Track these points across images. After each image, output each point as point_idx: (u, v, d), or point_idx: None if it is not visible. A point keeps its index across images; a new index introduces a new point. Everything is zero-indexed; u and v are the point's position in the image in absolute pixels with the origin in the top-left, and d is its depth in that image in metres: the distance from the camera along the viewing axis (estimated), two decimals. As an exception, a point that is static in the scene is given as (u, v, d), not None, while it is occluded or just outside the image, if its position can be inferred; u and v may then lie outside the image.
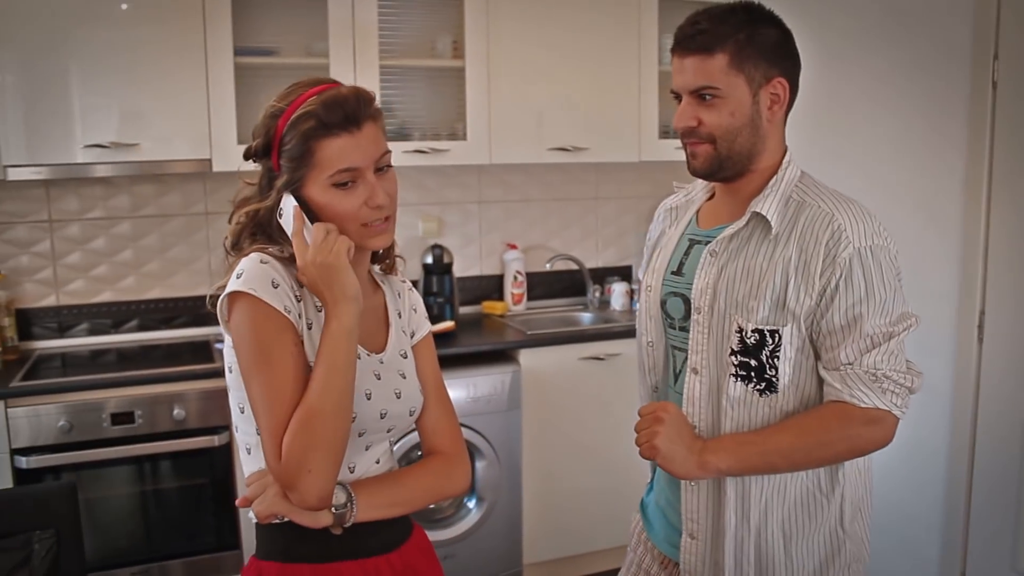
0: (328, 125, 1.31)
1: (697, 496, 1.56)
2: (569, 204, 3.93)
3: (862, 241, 1.42)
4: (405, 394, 1.45)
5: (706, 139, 1.48)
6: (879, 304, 1.43)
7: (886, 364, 1.43)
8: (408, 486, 1.45)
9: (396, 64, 3.32)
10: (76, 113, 2.86)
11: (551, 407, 3.28)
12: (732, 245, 1.50)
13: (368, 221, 1.36)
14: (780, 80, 1.48)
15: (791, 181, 1.51)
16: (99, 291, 3.28)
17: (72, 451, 2.71)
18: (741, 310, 1.47)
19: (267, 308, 1.29)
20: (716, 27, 1.44)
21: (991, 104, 2.66)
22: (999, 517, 2.72)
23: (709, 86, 1.44)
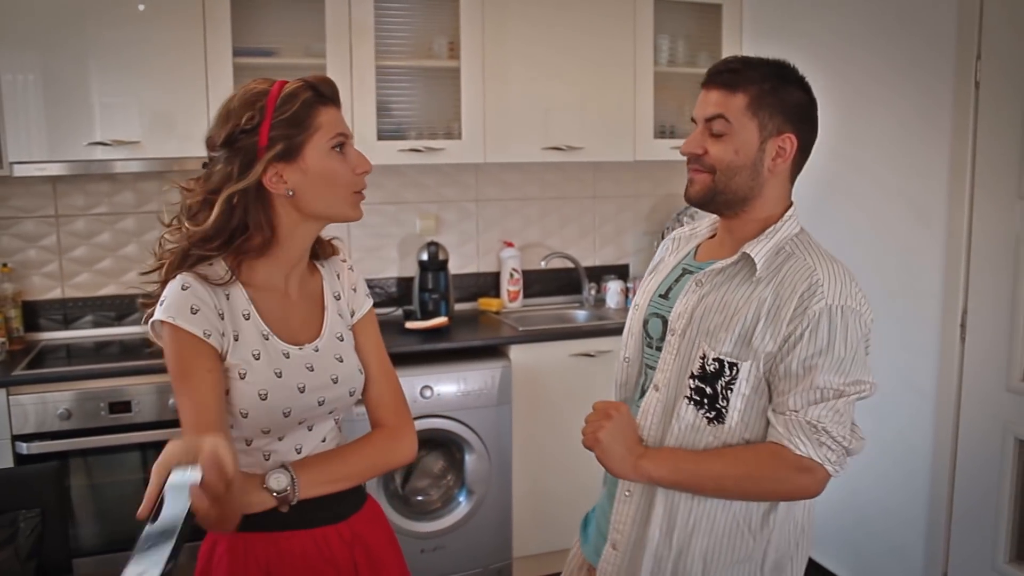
0: (323, 96, 1.45)
1: (628, 507, 1.60)
2: (566, 203, 3.98)
3: (836, 300, 1.46)
4: (343, 377, 1.53)
5: (707, 169, 1.54)
6: (836, 361, 1.46)
7: (828, 420, 1.46)
8: (350, 461, 1.52)
9: (392, 64, 3.39)
10: (80, 112, 2.96)
11: (541, 402, 3.33)
12: (717, 279, 1.57)
13: (358, 188, 1.49)
14: (790, 136, 1.54)
15: (788, 234, 1.57)
16: (103, 284, 3.37)
17: (71, 438, 2.80)
18: (709, 339, 1.52)
19: (185, 335, 1.39)
20: (746, 71, 1.52)
21: (974, 104, 2.68)
22: (981, 515, 2.73)
23: (722, 116, 1.51)
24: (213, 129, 1.45)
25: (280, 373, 1.46)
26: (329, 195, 1.46)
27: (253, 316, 1.47)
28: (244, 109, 1.42)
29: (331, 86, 1.47)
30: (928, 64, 2.80)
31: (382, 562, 1.59)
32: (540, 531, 3.41)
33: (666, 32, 3.67)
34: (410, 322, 3.43)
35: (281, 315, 1.51)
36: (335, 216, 1.50)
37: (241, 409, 1.43)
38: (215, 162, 1.45)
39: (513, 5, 3.40)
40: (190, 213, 1.46)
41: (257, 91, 1.43)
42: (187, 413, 1.38)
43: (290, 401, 1.46)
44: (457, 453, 3.28)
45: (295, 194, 1.44)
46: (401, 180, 3.73)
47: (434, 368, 3.18)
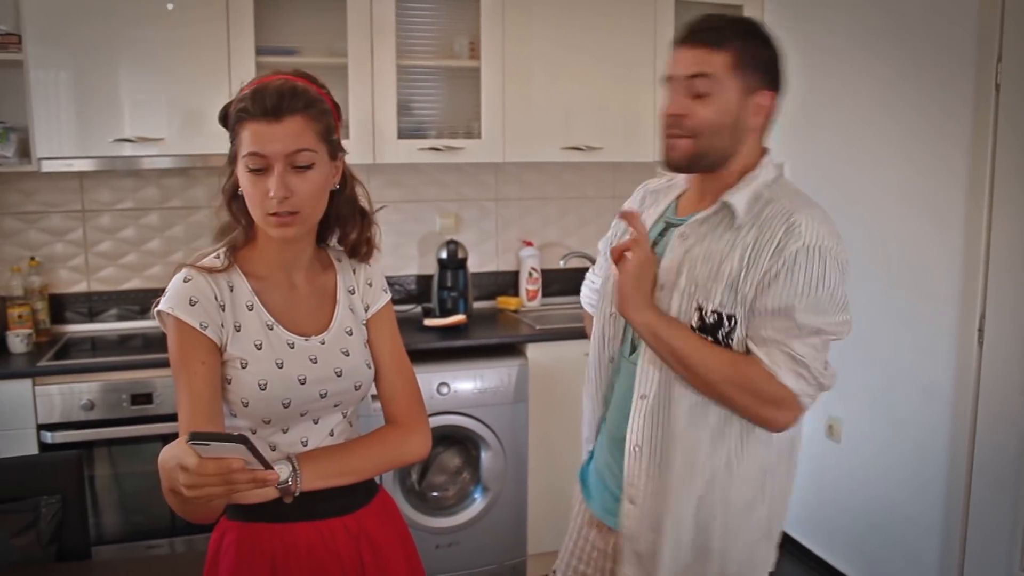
0: (248, 111, 1.40)
1: (639, 462, 1.63)
2: (586, 202, 4.00)
3: (813, 240, 1.48)
4: (347, 371, 1.54)
5: (688, 132, 1.55)
6: (813, 301, 1.48)
7: (809, 354, 1.49)
8: (356, 456, 1.53)
9: (413, 64, 3.43)
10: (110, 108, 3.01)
11: (557, 401, 3.34)
12: (701, 229, 1.59)
13: (270, 211, 1.42)
14: (771, 93, 1.57)
15: (765, 180, 1.59)
16: (128, 278, 3.44)
17: (93, 428, 2.86)
18: (701, 291, 1.55)
19: (183, 326, 1.42)
20: (727, 27, 1.54)
21: (994, 106, 2.66)
22: (998, 520, 2.71)
23: (706, 74, 1.51)
24: None
25: (281, 364, 1.48)
26: (251, 211, 1.46)
27: (257, 306, 1.50)
28: (224, 108, 1.48)
29: (264, 100, 1.39)
30: (948, 65, 2.79)
31: (388, 556, 1.60)
32: (555, 528, 3.40)
33: (687, 33, 3.68)
34: (428, 319, 3.46)
35: (287, 306, 1.53)
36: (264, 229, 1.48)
37: (242, 398, 1.46)
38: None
39: (534, 6, 3.42)
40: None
41: (242, 94, 1.45)
42: (182, 402, 1.42)
43: (289, 392, 1.48)
44: (473, 450, 3.31)
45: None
46: (421, 178, 3.76)
47: (451, 365, 3.20)
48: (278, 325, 1.50)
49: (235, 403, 1.47)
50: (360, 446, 1.56)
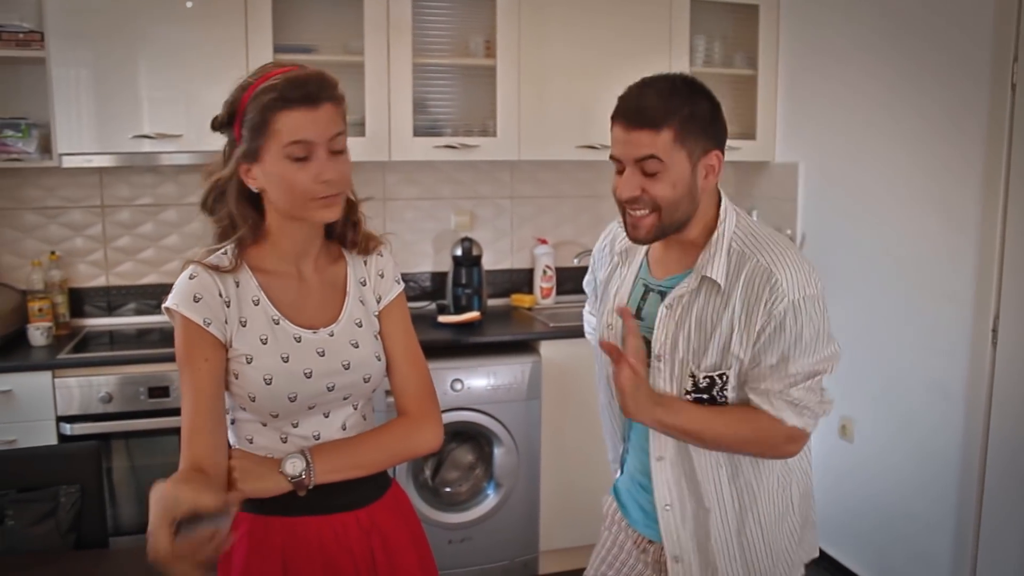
0: (287, 99, 1.39)
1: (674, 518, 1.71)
2: (600, 201, 4.01)
3: (795, 293, 1.55)
4: (355, 363, 1.54)
5: (650, 207, 1.55)
6: (804, 348, 1.58)
7: (805, 397, 1.60)
8: (368, 448, 1.54)
9: (429, 62, 3.45)
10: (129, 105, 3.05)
11: (570, 398, 3.36)
12: (684, 300, 1.63)
13: (317, 196, 1.44)
14: (716, 153, 1.58)
15: (731, 234, 1.62)
16: (146, 273, 3.48)
17: (112, 421, 2.89)
18: (695, 358, 1.62)
19: (187, 322, 1.44)
20: (664, 104, 1.52)
21: (1010, 106, 2.65)
22: (1011, 521, 2.71)
23: (654, 156, 1.52)
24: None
25: (287, 358, 1.49)
26: (289, 199, 1.45)
27: (263, 301, 1.50)
28: (231, 102, 1.45)
29: (305, 87, 1.40)
30: (964, 66, 2.79)
31: (400, 551, 1.61)
32: (567, 525, 3.44)
33: (702, 32, 3.68)
34: (443, 316, 3.48)
35: (295, 299, 1.53)
36: (300, 218, 1.48)
37: (249, 393, 1.47)
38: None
39: (549, 5, 3.44)
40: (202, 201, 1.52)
41: (244, 84, 1.44)
42: (185, 398, 1.45)
43: (295, 386, 1.48)
44: (486, 446, 3.32)
45: (265, 192, 1.46)
46: (437, 176, 3.78)
47: (465, 362, 3.22)
48: (284, 319, 1.51)
49: (242, 397, 1.49)
50: (372, 438, 1.56)
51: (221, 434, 1.46)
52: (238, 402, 1.50)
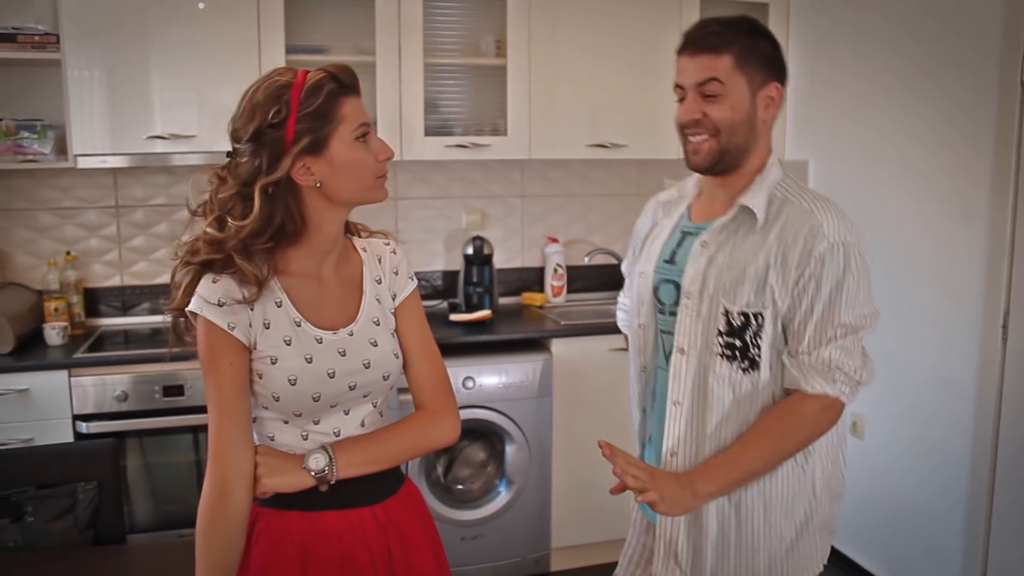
0: (346, 86, 1.47)
1: (675, 467, 1.68)
2: (610, 200, 4.02)
3: (836, 237, 1.55)
4: (375, 361, 1.57)
5: (710, 132, 1.61)
6: (844, 298, 1.55)
7: (839, 357, 1.55)
8: (388, 442, 1.57)
9: (440, 62, 3.46)
10: (143, 105, 3.08)
11: (581, 396, 3.37)
12: (721, 236, 1.64)
13: (381, 174, 1.53)
14: (776, 85, 1.63)
15: (775, 180, 1.65)
16: (160, 273, 3.50)
17: (127, 419, 2.92)
18: (728, 295, 1.60)
19: (212, 326, 1.46)
20: (725, 31, 1.60)
21: (1019, 103, 2.65)
22: (1021, 518, 2.71)
23: (714, 79, 1.59)
24: (238, 122, 1.46)
25: (311, 359, 1.51)
26: (355, 183, 1.50)
27: (285, 304, 1.52)
28: (270, 103, 1.43)
29: (352, 75, 1.49)
30: (972, 63, 2.79)
31: (415, 546, 1.63)
32: (578, 523, 3.45)
33: (713, 31, 3.69)
34: (454, 314, 3.50)
35: (315, 301, 1.55)
36: (362, 201, 1.54)
37: (273, 393, 1.49)
38: (241, 154, 1.46)
39: (560, 5, 3.45)
40: (225, 207, 1.47)
41: (281, 83, 1.45)
42: (211, 401, 1.47)
43: (319, 386, 1.51)
44: (498, 444, 3.34)
45: (323, 184, 1.47)
46: (448, 175, 3.80)
47: (477, 360, 3.24)
48: (305, 321, 1.52)
49: (266, 397, 1.50)
50: (391, 432, 1.59)
51: (248, 439, 1.49)
52: (261, 401, 1.53)
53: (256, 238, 1.46)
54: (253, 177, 1.45)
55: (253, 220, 1.44)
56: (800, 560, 1.69)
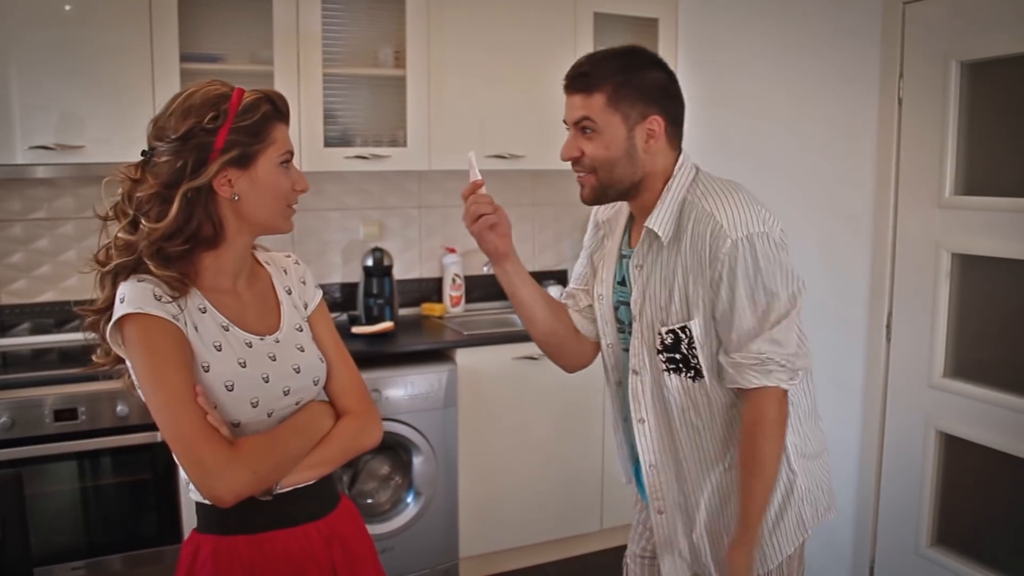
0: (280, 112, 1.52)
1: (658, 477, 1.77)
2: (507, 210, 4.02)
3: (739, 232, 1.59)
4: (305, 367, 1.58)
5: (588, 169, 1.67)
6: (762, 290, 1.60)
7: (769, 348, 1.60)
8: (325, 447, 1.56)
9: (339, 72, 3.42)
10: (17, 113, 2.90)
11: (487, 405, 3.40)
12: (648, 258, 1.70)
13: (292, 203, 1.57)
14: (656, 118, 1.66)
15: (682, 187, 1.69)
16: (42, 291, 3.31)
17: (14, 447, 2.75)
18: (660, 315, 1.67)
19: (156, 321, 1.41)
20: (597, 70, 1.64)
21: (897, 119, 2.86)
22: (905, 504, 2.90)
23: (587, 118, 1.64)
24: (167, 119, 1.45)
25: (244, 363, 1.49)
26: (270, 204, 1.52)
27: (210, 310, 1.50)
28: (206, 108, 1.44)
29: (286, 104, 1.54)
30: (855, 81, 2.98)
31: (359, 560, 1.63)
32: (486, 531, 3.48)
33: (605, 44, 3.76)
34: (356, 327, 3.46)
35: (237, 312, 1.54)
36: (270, 227, 1.56)
37: (211, 401, 1.45)
38: (160, 153, 1.45)
39: (457, 16, 3.47)
40: (142, 208, 1.44)
41: (219, 93, 1.47)
42: (167, 406, 1.39)
43: (256, 391, 1.50)
44: (404, 455, 3.32)
45: (239, 199, 1.49)
46: (345, 187, 3.76)
47: (381, 372, 3.22)
48: (233, 325, 1.52)
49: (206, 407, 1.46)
50: (327, 438, 1.58)
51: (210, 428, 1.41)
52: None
53: (169, 240, 1.44)
54: (175, 179, 1.44)
55: (168, 223, 1.43)
56: (787, 531, 1.78)
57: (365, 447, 1.66)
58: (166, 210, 1.43)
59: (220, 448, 1.39)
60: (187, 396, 1.39)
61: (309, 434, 1.55)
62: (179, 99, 1.47)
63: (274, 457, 1.46)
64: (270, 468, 1.45)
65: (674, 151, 1.71)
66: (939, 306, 2.76)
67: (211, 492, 1.38)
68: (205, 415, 1.40)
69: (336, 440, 1.59)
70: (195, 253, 1.50)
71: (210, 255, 1.51)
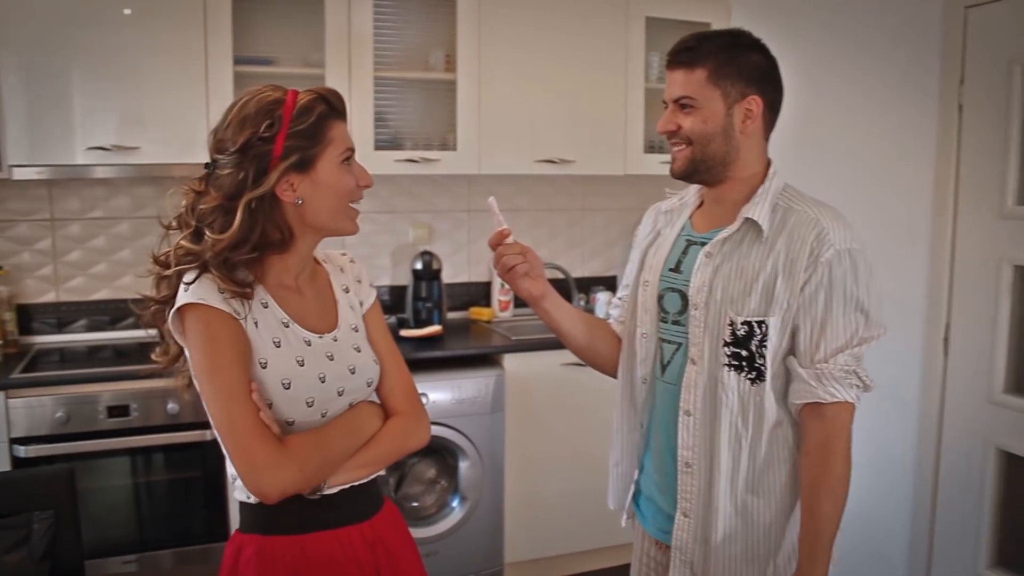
0: (336, 110, 1.51)
1: (691, 477, 1.69)
2: (557, 215, 4.05)
3: (843, 244, 1.58)
4: (360, 367, 1.58)
5: (684, 141, 1.65)
6: (856, 306, 1.58)
7: (854, 363, 1.59)
8: (373, 447, 1.56)
9: (390, 75, 3.44)
10: (78, 115, 2.97)
11: (534, 410, 3.38)
12: (726, 247, 1.66)
13: (356, 201, 1.55)
14: (755, 98, 1.64)
15: (777, 190, 1.68)
16: (98, 288, 3.38)
17: (69, 441, 2.80)
18: (734, 305, 1.62)
19: (216, 313, 1.42)
20: (701, 46, 1.63)
21: (958, 126, 2.78)
22: (963, 523, 2.82)
23: (687, 96, 1.63)
24: (225, 131, 1.46)
25: (302, 362, 1.50)
26: (334, 203, 1.51)
27: (271, 304, 1.51)
28: (262, 117, 1.44)
29: (341, 101, 1.53)
30: (914, 87, 2.90)
31: (402, 564, 1.63)
32: (532, 537, 3.46)
33: (657, 49, 3.76)
34: (404, 330, 3.47)
35: (298, 309, 1.55)
36: (335, 228, 1.55)
37: (266, 399, 1.46)
38: (222, 165, 1.46)
39: (509, 20, 3.47)
40: (205, 220, 1.46)
41: (273, 99, 1.46)
42: (218, 397, 1.40)
43: (312, 391, 1.50)
44: (450, 459, 3.32)
45: (303, 203, 1.48)
46: (394, 189, 3.77)
47: (429, 376, 3.22)
48: (294, 323, 1.52)
49: None
50: (376, 437, 1.58)
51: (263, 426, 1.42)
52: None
53: (235, 250, 1.45)
54: (238, 191, 1.44)
55: (232, 234, 1.43)
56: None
57: (413, 448, 1.66)
58: (230, 221, 1.43)
59: (270, 444, 1.39)
60: (242, 391, 1.40)
61: (357, 434, 1.55)
62: (234, 109, 1.47)
63: (321, 456, 1.46)
64: (317, 467, 1.45)
65: (766, 141, 1.70)
66: (1000, 319, 2.67)
67: (257, 488, 1.39)
68: (258, 411, 1.41)
69: (384, 440, 1.59)
70: (265, 257, 1.51)
71: (277, 257, 1.53)
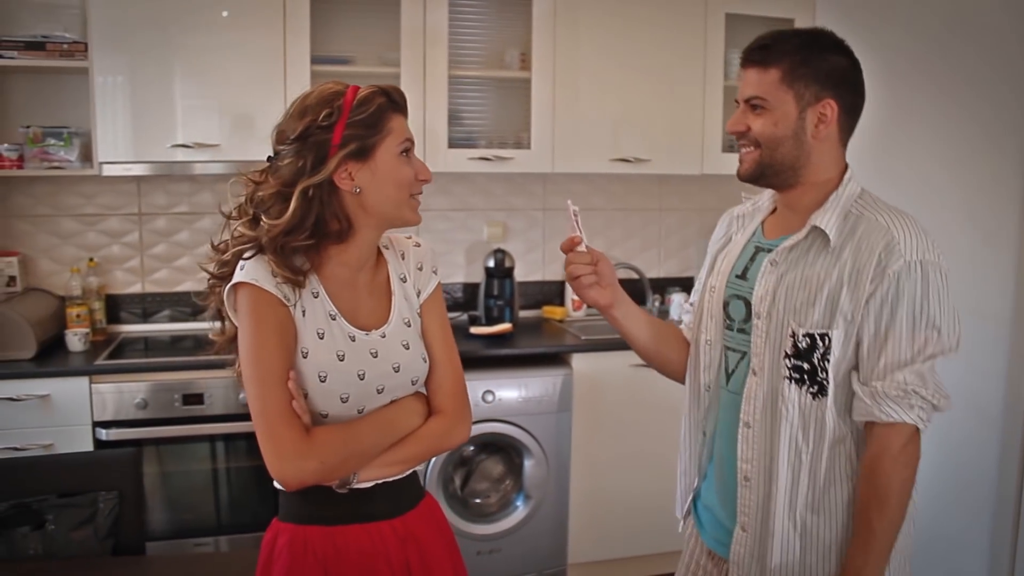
0: (396, 103, 1.53)
1: (750, 491, 1.63)
2: (632, 214, 4.00)
3: (914, 255, 1.48)
4: (405, 365, 1.58)
5: (753, 143, 1.58)
6: (923, 321, 1.48)
7: (914, 382, 1.48)
8: (406, 445, 1.57)
9: (465, 74, 3.47)
10: (171, 115, 3.09)
11: (601, 411, 3.35)
12: (792, 255, 1.58)
13: (417, 191, 1.57)
14: (830, 102, 1.56)
15: (851, 197, 1.58)
16: (181, 281, 3.51)
17: (146, 427, 2.92)
18: (797, 316, 1.54)
19: (267, 295, 1.45)
20: (777, 45, 1.56)
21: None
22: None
23: (758, 96, 1.56)
24: (286, 122, 1.50)
25: (342, 357, 1.51)
26: (393, 194, 1.52)
27: (322, 295, 1.53)
28: (321, 106, 1.47)
29: (402, 95, 1.55)
30: (1000, 84, 2.76)
31: (435, 561, 1.62)
32: (596, 539, 3.43)
33: (737, 47, 3.67)
34: (475, 328, 3.48)
35: (350, 303, 1.56)
36: (396, 218, 1.56)
37: (302, 388, 1.48)
38: (283, 156, 1.49)
39: (585, 18, 3.44)
40: (263, 206, 1.49)
41: (334, 91, 1.50)
42: (255, 377, 1.43)
43: (348, 387, 1.51)
44: (516, 458, 3.32)
45: (361, 192, 1.50)
46: (470, 187, 3.80)
47: (497, 373, 3.23)
48: (340, 317, 1.54)
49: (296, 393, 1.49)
50: (412, 436, 1.58)
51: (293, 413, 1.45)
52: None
53: (290, 235, 1.47)
54: (296, 178, 1.48)
55: (287, 219, 1.46)
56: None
57: (448, 448, 1.67)
58: (286, 207, 1.47)
59: (296, 433, 1.42)
60: (279, 377, 1.43)
61: (390, 430, 1.55)
62: (296, 102, 1.52)
63: (347, 449, 1.47)
64: (341, 460, 1.47)
65: (842, 146, 1.62)
66: (1093, 329, 2.52)
67: (278, 473, 1.42)
68: (292, 399, 1.44)
69: (420, 440, 1.59)
70: (322, 246, 1.53)
71: (336, 248, 1.54)
